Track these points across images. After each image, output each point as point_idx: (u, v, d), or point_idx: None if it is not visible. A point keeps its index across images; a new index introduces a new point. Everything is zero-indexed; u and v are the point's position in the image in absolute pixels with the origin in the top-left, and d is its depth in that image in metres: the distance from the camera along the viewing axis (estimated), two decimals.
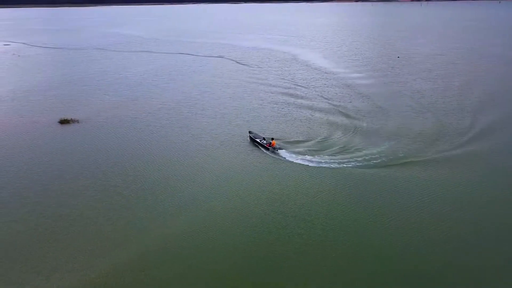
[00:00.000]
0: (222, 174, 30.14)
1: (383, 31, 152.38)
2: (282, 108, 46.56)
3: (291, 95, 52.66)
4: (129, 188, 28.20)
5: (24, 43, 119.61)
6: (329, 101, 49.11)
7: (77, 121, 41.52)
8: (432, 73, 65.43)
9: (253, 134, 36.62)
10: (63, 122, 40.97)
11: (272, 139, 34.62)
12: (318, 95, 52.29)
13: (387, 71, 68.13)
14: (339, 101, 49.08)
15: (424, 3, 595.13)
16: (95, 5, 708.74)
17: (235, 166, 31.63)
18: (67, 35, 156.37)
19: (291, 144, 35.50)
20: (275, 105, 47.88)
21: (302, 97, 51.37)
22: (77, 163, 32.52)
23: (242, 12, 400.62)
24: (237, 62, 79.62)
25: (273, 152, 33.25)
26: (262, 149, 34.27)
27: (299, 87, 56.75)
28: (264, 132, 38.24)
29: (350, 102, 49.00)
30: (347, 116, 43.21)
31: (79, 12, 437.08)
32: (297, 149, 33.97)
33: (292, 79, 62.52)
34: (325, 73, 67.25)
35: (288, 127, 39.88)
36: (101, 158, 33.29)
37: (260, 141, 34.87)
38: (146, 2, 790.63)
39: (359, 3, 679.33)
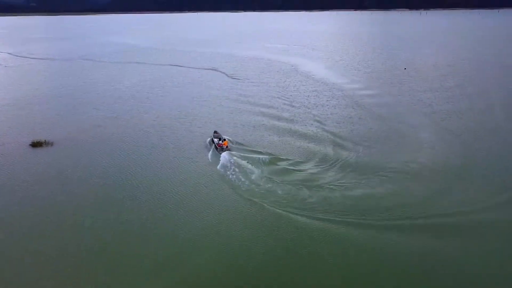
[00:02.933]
0: (213, 218, 25.28)
1: (385, 40, 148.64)
2: (276, 129, 41.77)
3: (287, 116, 47.11)
4: (109, 232, 23.32)
5: (11, 53, 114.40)
6: (328, 127, 43.66)
7: (51, 144, 36.48)
8: (445, 86, 60.87)
9: (217, 134, 37.06)
10: (36, 145, 35.94)
11: (225, 139, 35.13)
12: (317, 117, 45.77)
13: (394, 85, 63.52)
14: (338, 126, 43.91)
15: (424, 12, 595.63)
16: (94, 14, 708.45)
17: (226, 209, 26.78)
18: (59, 44, 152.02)
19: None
20: (271, 126, 43.08)
21: (298, 118, 46.46)
22: (46, 197, 27.62)
23: (242, 20, 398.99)
24: (233, 75, 74.99)
25: (220, 151, 33.34)
26: (214, 149, 34.39)
27: (298, 105, 51.87)
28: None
29: (351, 127, 44.21)
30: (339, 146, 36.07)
31: (75, 21, 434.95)
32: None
33: (291, 96, 57.67)
34: (328, 86, 62.48)
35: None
36: (74, 191, 28.37)
37: (217, 142, 34.97)
38: (144, 10, 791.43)
39: (358, 12, 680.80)
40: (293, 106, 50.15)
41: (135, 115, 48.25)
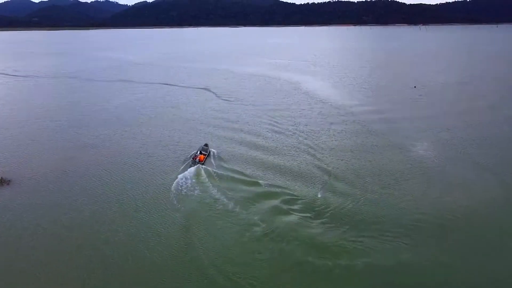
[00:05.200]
0: None
1: (389, 56, 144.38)
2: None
3: (286, 145, 41.43)
4: None
5: None
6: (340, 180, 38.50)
7: (7, 182, 30.49)
8: (463, 110, 55.33)
9: (205, 147, 35.51)
10: None
11: (202, 153, 33.77)
12: (319, 150, 39.47)
13: (407, 105, 58.03)
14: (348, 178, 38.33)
15: (423, 27, 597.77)
16: (96, 28, 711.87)
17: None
18: (51, 59, 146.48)
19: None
20: (263, 155, 37.34)
21: (298, 148, 40.83)
22: None
23: (242, 35, 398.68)
24: (230, 94, 69.58)
25: (193, 164, 31.74)
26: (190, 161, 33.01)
27: (300, 133, 46.27)
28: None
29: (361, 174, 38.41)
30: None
31: (76, 35, 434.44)
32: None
33: (291, 118, 52.12)
34: (334, 107, 56.73)
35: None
36: (30, 247, 22.43)
37: (195, 154, 33.68)
38: (145, 26, 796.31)
39: (357, 27, 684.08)
40: (294, 132, 44.48)
41: (119, 141, 42.56)
